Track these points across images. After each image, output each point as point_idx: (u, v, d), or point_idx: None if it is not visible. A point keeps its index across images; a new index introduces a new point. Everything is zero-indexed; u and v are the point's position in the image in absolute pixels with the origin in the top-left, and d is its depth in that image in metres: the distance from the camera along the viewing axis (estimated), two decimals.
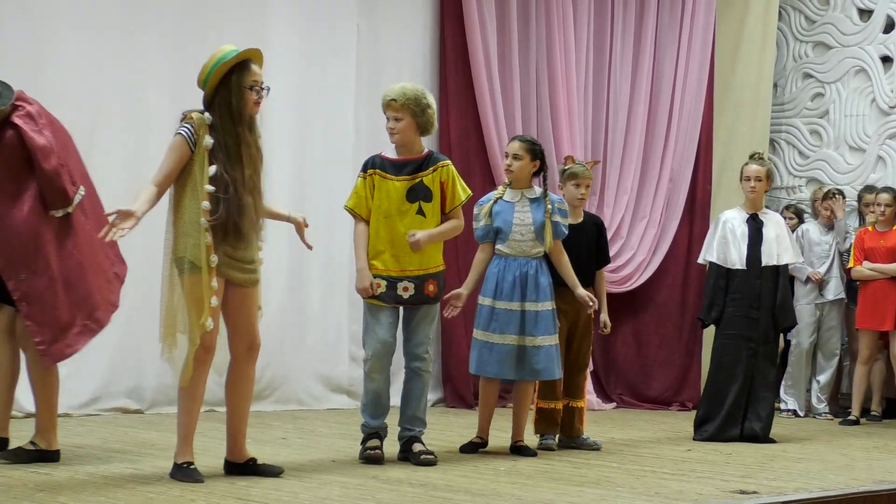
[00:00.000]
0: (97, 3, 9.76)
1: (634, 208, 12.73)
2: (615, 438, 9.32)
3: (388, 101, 7.42)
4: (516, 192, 8.04)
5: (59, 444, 7.08)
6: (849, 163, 13.19)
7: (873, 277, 11.37)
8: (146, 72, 9.95)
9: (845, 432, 10.68)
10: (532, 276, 7.97)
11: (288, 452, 7.66)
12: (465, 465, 7.50)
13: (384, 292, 7.37)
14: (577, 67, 12.32)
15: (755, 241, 9.52)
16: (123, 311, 9.43)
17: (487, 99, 11.62)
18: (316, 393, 10.85)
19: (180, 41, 9.93)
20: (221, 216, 6.33)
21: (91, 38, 9.72)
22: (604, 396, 12.38)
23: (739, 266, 9.51)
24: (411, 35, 11.59)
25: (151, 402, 9.94)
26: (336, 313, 11.03)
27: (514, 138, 8.32)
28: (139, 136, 9.85)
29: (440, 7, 11.73)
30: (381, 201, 7.43)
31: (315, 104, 10.81)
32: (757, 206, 9.68)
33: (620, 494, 6.49)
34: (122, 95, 9.84)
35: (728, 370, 9.49)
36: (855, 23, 13.25)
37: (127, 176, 9.72)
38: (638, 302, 12.62)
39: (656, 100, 12.92)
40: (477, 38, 11.55)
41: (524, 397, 8.22)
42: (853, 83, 13.22)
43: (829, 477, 7.55)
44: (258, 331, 6.66)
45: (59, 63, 9.44)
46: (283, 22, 10.61)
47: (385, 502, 5.95)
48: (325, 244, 10.76)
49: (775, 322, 9.57)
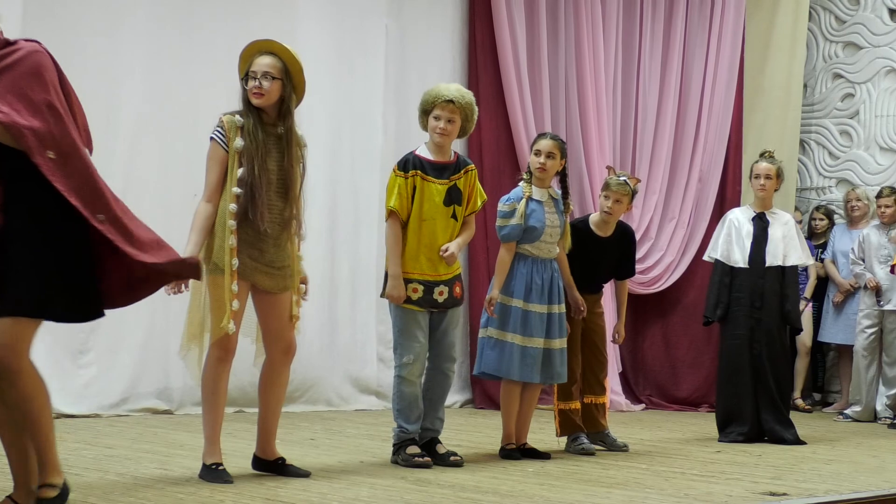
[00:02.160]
0: (125, 5, 9.79)
1: (663, 209, 12.72)
2: (644, 440, 9.32)
3: (443, 101, 7.29)
4: (543, 192, 7.93)
5: (91, 446, 7.11)
6: (879, 163, 13.16)
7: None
8: (176, 72, 9.97)
9: (875, 434, 10.65)
10: (556, 278, 7.94)
11: (317, 453, 7.68)
12: (493, 466, 7.50)
13: (421, 297, 7.31)
14: (606, 67, 12.31)
15: (760, 240, 9.50)
16: (150, 311, 9.54)
17: (517, 99, 11.63)
18: (344, 394, 10.87)
19: (210, 42, 9.96)
20: (249, 218, 6.35)
21: (119, 39, 9.75)
22: (633, 398, 12.36)
23: (742, 264, 9.49)
24: (440, 35, 11.60)
25: (180, 402, 9.97)
26: (364, 315, 11.04)
27: (545, 136, 8.08)
28: (169, 135, 9.91)
29: (469, 7, 11.74)
30: (421, 204, 7.32)
31: (343, 104, 10.83)
32: (766, 204, 9.63)
33: (649, 496, 6.49)
34: (151, 96, 9.88)
35: (735, 371, 9.47)
36: (885, 23, 13.22)
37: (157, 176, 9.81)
38: (666, 303, 12.61)
39: (685, 100, 12.90)
40: (506, 38, 11.56)
41: (534, 399, 8.17)
42: (884, 83, 13.20)
43: (860, 479, 7.53)
44: (293, 335, 6.66)
45: (86, 64, 9.47)
46: (313, 21, 10.63)
47: (414, 503, 5.96)
48: (353, 247, 10.83)
49: (784, 323, 9.54)
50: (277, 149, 6.45)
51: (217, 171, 6.40)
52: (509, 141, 11.69)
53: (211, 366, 6.43)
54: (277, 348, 6.63)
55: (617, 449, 8.56)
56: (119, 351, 9.79)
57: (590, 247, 8.47)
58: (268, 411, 6.71)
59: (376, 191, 10.70)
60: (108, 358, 9.73)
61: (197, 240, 6.35)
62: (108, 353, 9.72)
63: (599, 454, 8.33)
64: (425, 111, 7.37)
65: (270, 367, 6.66)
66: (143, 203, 9.77)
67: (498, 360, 7.84)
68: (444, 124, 7.31)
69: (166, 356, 9.79)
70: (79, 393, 9.53)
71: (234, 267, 6.33)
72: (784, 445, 9.24)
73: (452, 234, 7.39)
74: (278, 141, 6.45)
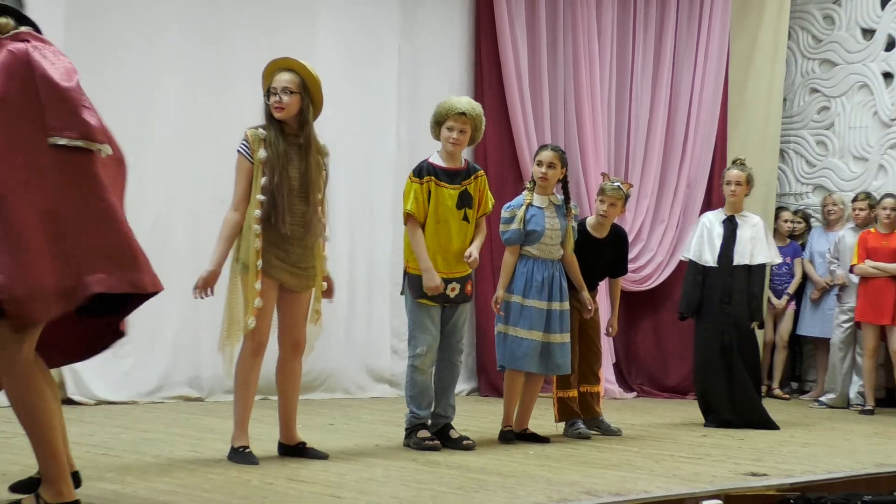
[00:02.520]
0: (156, 23, 9.82)
1: (654, 213, 12.71)
2: (635, 425, 9.32)
3: (456, 113, 7.30)
4: (544, 198, 7.94)
5: (128, 430, 7.09)
6: (852, 171, 13.15)
7: (875, 275, 11.34)
8: (206, 86, 10.00)
9: (848, 419, 10.65)
10: (557, 277, 7.94)
11: (335, 437, 7.68)
12: (497, 449, 7.51)
13: (437, 293, 7.35)
14: (601, 83, 12.31)
15: (729, 241, 9.49)
16: (182, 307, 9.55)
17: (519, 112, 11.63)
18: (361, 383, 10.88)
19: (238, 59, 9.97)
20: (272, 222, 6.37)
21: (155, 57, 9.77)
22: (625, 386, 12.37)
23: (712, 264, 9.49)
24: (448, 53, 11.61)
25: (210, 390, 9.98)
26: (379, 311, 11.05)
27: (546, 147, 8.07)
28: (192, 143, 9.93)
29: (475, 28, 11.75)
30: (436, 207, 7.33)
31: (360, 116, 10.83)
32: (737, 208, 9.62)
33: (641, 476, 6.48)
34: (178, 107, 9.91)
35: (708, 361, 9.47)
36: (858, 41, 13.21)
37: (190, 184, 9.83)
38: (657, 300, 12.61)
39: (674, 112, 12.89)
40: (509, 56, 11.56)
41: (537, 389, 8.18)
42: (857, 97, 13.18)
43: (834, 460, 7.54)
44: (304, 332, 6.68)
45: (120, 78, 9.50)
46: (333, 41, 10.63)
47: (425, 483, 5.97)
48: (369, 248, 10.84)
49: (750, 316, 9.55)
50: (298, 157, 6.47)
51: (244, 181, 6.43)
52: (512, 150, 11.69)
53: (244, 358, 6.45)
54: (287, 344, 6.66)
55: (611, 433, 8.57)
56: (154, 343, 9.80)
57: (586, 247, 8.48)
58: (286, 401, 6.74)
59: (390, 196, 10.72)
60: (145, 350, 9.74)
61: (222, 249, 6.42)
62: (145, 346, 9.73)
63: (595, 438, 8.34)
64: (438, 122, 7.38)
65: (283, 361, 6.69)
66: (177, 210, 9.86)
67: (508, 352, 7.88)
68: (456, 134, 7.32)
69: (197, 348, 9.83)
70: (118, 382, 9.55)
71: (259, 267, 6.36)
72: (765, 430, 9.23)
73: (466, 235, 7.41)
74: (299, 150, 6.47)
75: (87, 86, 4.64)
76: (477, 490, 5.80)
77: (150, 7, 9.77)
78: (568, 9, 12.07)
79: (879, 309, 11.32)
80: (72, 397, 9.22)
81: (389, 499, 5.47)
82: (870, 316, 11.39)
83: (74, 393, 9.26)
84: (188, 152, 9.89)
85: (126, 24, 9.67)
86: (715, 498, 6.00)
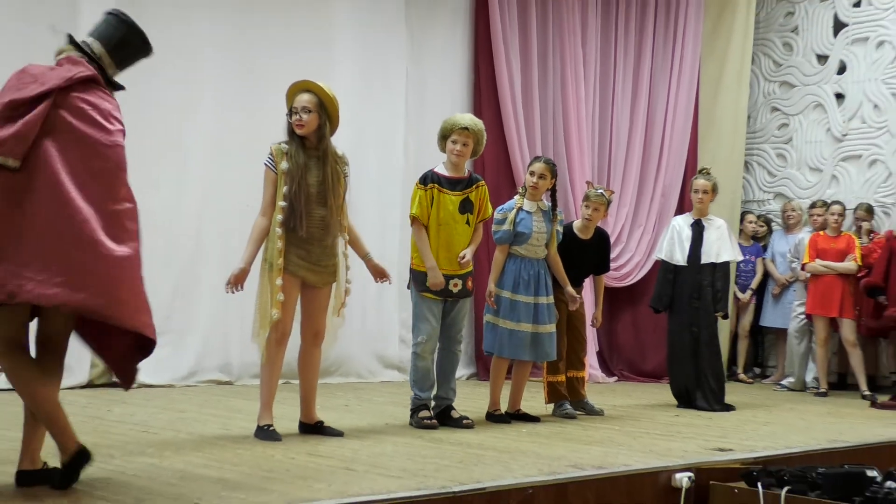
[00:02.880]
0: (194, 48, 9.86)
1: (633, 218, 12.72)
2: (616, 406, 9.31)
3: (460, 128, 7.30)
4: (533, 204, 7.93)
5: (166, 410, 7.08)
6: (809, 181, 13.15)
7: (824, 273, 11.34)
8: (231, 103, 10.04)
9: (805, 401, 10.65)
10: (542, 274, 7.93)
11: (350, 417, 7.69)
12: (493, 428, 7.50)
13: (440, 288, 7.34)
14: (586, 101, 12.32)
15: (697, 242, 9.47)
16: (213, 301, 9.57)
17: (513, 127, 11.64)
18: (372, 369, 10.89)
19: (263, 80, 10.00)
20: (292, 226, 6.39)
21: (188, 77, 9.80)
22: (607, 372, 12.36)
23: (682, 263, 9.47)
24: (451, 76, 11.62)
25: (238, 375, 9.99)
26: (388, 305, 11.05)
27: (538, 160, 8.03)
28: (218, 158, 9.96)
29: (474, 53, 11.77)
30: (438, 211, 7.34)
31: (370, 132, 10.84)
32: (703, 213, 9.60)
33: (621, 451, 6.49)
34: (204, 123, 9.93)
35: (679, 350, 9.45)
36: (814, 66, 13.22)
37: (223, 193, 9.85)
38: (635, 295, 12.60)
39: (651, 128, 12.90)
40: (505, 79, 11.58)
41: (526, 373, 8.18)
42: (812, 115, 13.19)
43: (792, 437, 7.54)
44: (324, 323, 6.66)
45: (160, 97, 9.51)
46: (348, 64, 10.67)
47: (429, 457, 5.98)
48: (379, 248, 10.73)
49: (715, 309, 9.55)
50: (317, 167, 6.48)
51: (269, 190, 6.46)
52: (507, 161, 11.69)
53: (269, 346, 6.46)
54: (308, 334, 6.67)
55: (595, 413, 8.57)
56: (189, 333, 9.81)
57: (573, 248, 8.48)
58: (306, 385, 6.74)
59: (398, 201, 10.72)
60: (180, 339, 9.75)
61: (251, 250, 6.44)
62: (180, 335, 9.75)
63: (580, 418, 8.34)
64: (444, 136, 7.37)
65: (304, 349, 6.70)
66: (210, 216, 9.87)
67: (492, 340, 7.88)
68: (459, 147, 7.33)
69: (227, 338, 9.85)
70: (156, 367, 9.53)
71: (281, 265, 6.38)
72: (729, 411, 9.24)
73: (467, 238, 7.43)
74: (318, 161, 6.49)
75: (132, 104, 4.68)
76: (475, 464, 5.80)
77: (187, 33, 9.83)
78: (556, 36, 12.10)
79: (828, 303, 11.32)
80: (116, 381, 9.21)
81: (398, 471, 5.47)
82: (819, 309, 11.39)
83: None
84: (220, 164, 9.91)
85: (166, 46, 9.69)
86: (686, 470, 6.02)
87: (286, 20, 10.43)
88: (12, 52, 7.63)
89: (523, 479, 5.35)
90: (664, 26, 13.00)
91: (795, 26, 13.42)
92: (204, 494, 4.69)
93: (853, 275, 11.25)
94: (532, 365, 8.31)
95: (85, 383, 9.06)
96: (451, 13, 11.74)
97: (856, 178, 12.74)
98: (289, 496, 4.69)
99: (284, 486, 4.95)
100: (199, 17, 9.90)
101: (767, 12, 13.65)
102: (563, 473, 5.60)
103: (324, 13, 10.72)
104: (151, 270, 4.96)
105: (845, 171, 12.84)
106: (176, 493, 4.71)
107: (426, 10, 11.55)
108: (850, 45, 12.92)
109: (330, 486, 4.97)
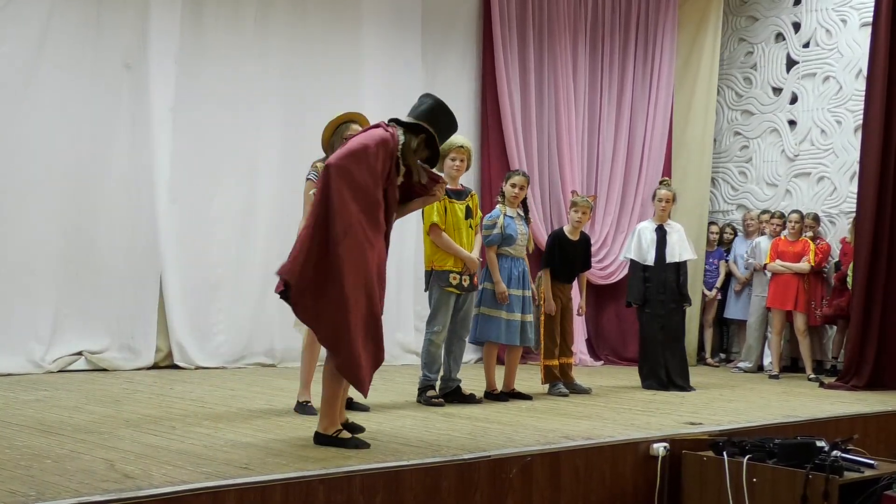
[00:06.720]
0: (259, 73, 9.94)
1: (616, 225, 12.69)
2: (602, 386, 9.29)
3: (458, 147, 7.33)
4: (513, 211, 7.95)
5: (219, 388, 7.08)
6: (766, 194, 13.11)
7: (783, 272, 11.31)
8: (261, 128, 10.08)
9: (763, 382, 10.61)
10: (526, 271, 7.95)
11: (374, 395, 7.62)
12: (496, 404, 7.51)
13: (458, 283, 7.36)
14: (576, 126, 12.30)
15: (661, 244, 9.43)
16: (260, 296, 9.57)
17: (514, 147, 11.61)
18: (394, 353, 10.84)
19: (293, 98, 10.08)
20: None
21: (252, 100, 9.90)
22: (595, 356, 12.33)
23: (650, 262, 9.42)
24: (461, 104, 11.55)
25: (281, 358, 9.99)
26: (406, 297, 11.06)
27: (516, 173, 8.06)
28: (251, 180, 9.98)
29: (482, 86, 11.77)
30: (450, 218, 7.37)
31: None
32: (664, 219, 9.54)
33: (606, 425, 6.49)
34: (240, 148, 9.94)
35: (649, 339, 9.39)
36: (770, 97, 13.18)
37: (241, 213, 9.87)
38: (619, 291, 12.54)
39: (632, 148, 12.87)
40: (507, 107, 11.57)
41: (517, 357, 8.15)
42: (769, 139, 13.14)
43: (752, 413, 7.52)
44: None
45: (231, 120, 9.58)
46: (372, 95, 10.65)
47: (443, 429, 5.99)
48: (398, 249, 10.82)
49: (681, 301, 9.49)
50: None
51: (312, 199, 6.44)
52: None
53: (309, 332, 6.44)
54: None
55: (583, 392, 8.56)
56: (238, 322, 9.82)
57: (566, 248, 8.48)
58: None
59: (413, 214, 10.68)
60: (231, 327, 9.76)
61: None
62: (231, 324, 9.76)
63: (571, 396, 8.33)
64: (444, 155, 7.36)
65: None
66: (257, 222, 9.87)
67: (488, 329, 7.82)
68: (458, 163, 7.39)
69: (270, 326, 9.85)
70: (211, 352, 9.58)
71: None
72: (699, 391, 9.21)
73: (471, 239, 7.46)
74: None
75: (198, 127, 4.70)
76: (483, 435, 5.81)
77: (252, 61, 9.96)
78: (551, 70, 12.10)
79: (785, 298, 11.29)
80: (178, 364, 9.24)
81: (416, 440, 5.48)
82: (777, 303, 11.36)
83: (179, 360, 9.28)
84: (245, 188, 9.97)
85: (234, 78, 9.80)
86: (662, 441, 6.01)
87: (324, 58, 10.50)
88: (82, 89, 7.68)
89: (523, 449, 5.36)
90: (643, 62, 13.00)
91: (754, 63, 13.38)
92: (251, 460, 4.70)
93: (807, 273, 11.25)
94: (524, 350, 8.30)
95: (150, 365, 9.07)
96: (461, 51, 11.75)
97: (806, 192, 12.70)
98: (324, 462, 4.70)
99: (319, 452, 4.97)
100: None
101: (730, 52, 13.62)
102: (557, 443, 5.61)
103: (354, 55, 10.76)
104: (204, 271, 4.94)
105: (797, 186, 12.80)
106: (227, 458, 4.72)
107: (440, 48, 11.57)
108: (801, 79, 12.88)
109: (358, 453, 4.97)
